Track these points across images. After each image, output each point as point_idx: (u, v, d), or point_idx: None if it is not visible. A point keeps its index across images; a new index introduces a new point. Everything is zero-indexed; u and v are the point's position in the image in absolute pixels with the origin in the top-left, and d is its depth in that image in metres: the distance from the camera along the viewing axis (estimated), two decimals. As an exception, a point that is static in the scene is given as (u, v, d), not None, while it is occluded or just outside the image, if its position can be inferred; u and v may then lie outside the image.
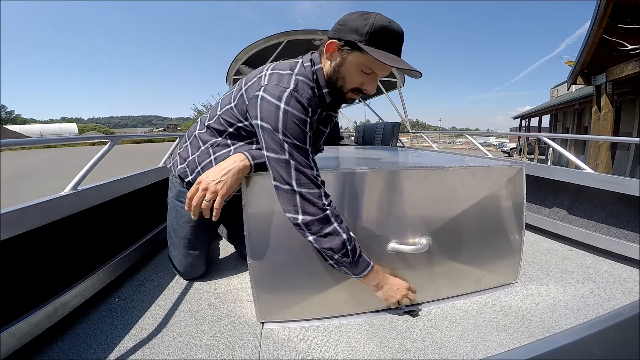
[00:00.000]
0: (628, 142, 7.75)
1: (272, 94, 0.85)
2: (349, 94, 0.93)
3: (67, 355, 0.86)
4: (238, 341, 0.93)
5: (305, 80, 0.89)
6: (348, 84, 0.91)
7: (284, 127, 0.83)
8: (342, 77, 0.90)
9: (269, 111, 0.84)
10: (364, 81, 0.90)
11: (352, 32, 0.84)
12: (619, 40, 5.88)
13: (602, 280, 1.28)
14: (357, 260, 0.91)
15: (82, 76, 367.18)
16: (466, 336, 0.94)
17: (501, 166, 1.15)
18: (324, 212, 0.86)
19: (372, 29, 0.81)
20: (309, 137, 0.87)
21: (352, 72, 0.88)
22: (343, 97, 0.95)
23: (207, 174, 0.94)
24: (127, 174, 1.57)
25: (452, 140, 36.21)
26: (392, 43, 0.85)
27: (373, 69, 0.88)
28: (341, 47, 0.86)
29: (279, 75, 0.89)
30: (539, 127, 18.10)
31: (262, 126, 0.86)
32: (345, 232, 0.88)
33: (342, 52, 0.87)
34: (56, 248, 1.05)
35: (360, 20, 0.83)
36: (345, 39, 0.85)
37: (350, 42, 0.84)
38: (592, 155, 7.05)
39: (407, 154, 1.94)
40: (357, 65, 0.87)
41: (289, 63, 0.94)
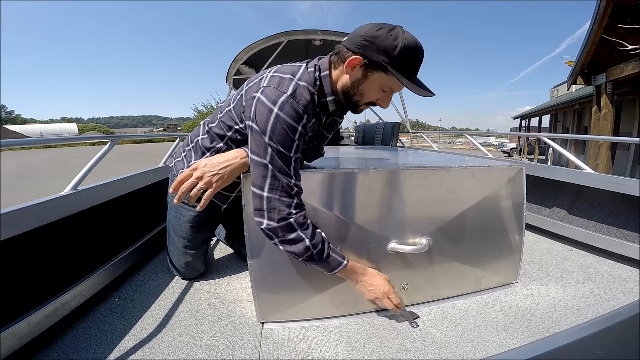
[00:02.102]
0: (628, 142, 7.76)
1: (269, 97, 0.84)
2: (362, 107, 0.94)
3: (67, 355, 0.86)
4: (238, 341, 0.93)
5: (307, 86, 0.88)
6: (364, 99, 0.91)
7: (272, 132, 0.83)
8: (361, 93, 0.89)
9: (262, 113, 0.84)
10: (380, 97, 0.91)
11: (380, 52, 0.81)
12: (619, 40, 5.89)
13: (602, 280, 1.28)
14: (325, 261, 0.90)
15: (82, 76, 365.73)
16: (466, 336, 0.94)
17: (501, 166, 1.15)
18: (287, 221, 0.85)
19: (401, 53, 0.80)
20: (296, 145, 0.85)
21: (372, 89, 0.88)
22: (354, 109, 0.95)
23: (205, 162, 0.94)
24: (127, 174, 1.56)
25: (452, 140, 36.21)
26: (416, 65, 0.85)
27: (393, 89, 0.89)
28: (365, 65, 0.84)
29: (279, 79, 0.88)
30: (539, 127, 18.11)
31: (252, 127, 0.86)
32: (310, 238, 0.87)
33: (366, 70, 0.85)
34: (56, 248, 1.05)
35: (389, 39, 0.80)
36: (372, 59, 0.83)
37: (378, 64, 0.82)
38: (592, 155, 7.05)
39: (407, 154, 1.94)
40: (378, 84, 0.87)
41: (292, 67, 0.93)
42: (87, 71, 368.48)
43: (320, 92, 0.92)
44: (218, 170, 0.92)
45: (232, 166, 0.93)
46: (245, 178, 0.94)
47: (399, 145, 3.99)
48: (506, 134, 28.13)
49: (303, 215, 0.87)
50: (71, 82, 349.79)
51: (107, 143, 1.50)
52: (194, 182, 0.92)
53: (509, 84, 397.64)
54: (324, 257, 0.90)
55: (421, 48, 0.83)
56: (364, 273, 0.96)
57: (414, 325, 0.99)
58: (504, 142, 22.19)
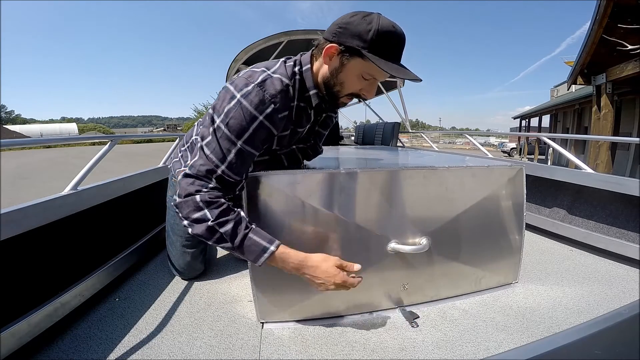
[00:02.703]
0: (628, 142, 7.76)
1: (236, 86, 0.82)
2: (345, 98, 0.90)
3: (67, 355, 0.86)
4: (238, 341, 0.93)
5: (280, 78, 0.84)
6: (345, 89, 0.87)
7: (226, 115, 0.80)
8: (340, 83, 0.86)
9: (224, 98, 0.82)
10: (363, 87, 0.87)
11: (354, 37, 0.79)
12: (619, 40, 5.89)
13: (602, 280, 1.28)
14: (241, 246, 0.80)
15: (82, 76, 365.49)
16: (466, 336, 0.94)
17: (501, 166, 1.15)
18: (192, 197, 0.79)
19: (376, 35, 0.77)
20: (249, 134, 0.80)
21: (352, 78, 0.85)
22: (336, 101, 0.91)
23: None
24: (127, 174, 1.57)
25: (452, 140, 36.20)
26: (395, 49, 0.81)
27: (374, 76, 0.85)
28: (341, 52, 0.81)
29: (251, 72, 0.85)
30: (539, 127, 18.10)
31: (210, 112, 0.85)
32: (215, 217, 0.78)
33: (342, 57, 0.82)
34: (56, 248, 1.05)
35: (363, 24, 0.78)
36: (346, 45, 0.80)
37: (353, 49, 0.79)
38: (592, 155, 7.05)
39: (407, 154, 1.94)
40: (357, 72, 0.83)
41: (269, 62, 0.90)
42: (87, 71, 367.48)
43: (303, 86, 0.90)
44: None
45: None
46: (245, 178, 0.94)
47: (399, 145, 3.99)
48: (506, 134, 28.13)
49: (215, 195, 0.79)
50: (71, 82, 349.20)
51: (107, 143, 1.50)
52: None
53: (509, 84, 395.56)
54: (237, 240, 0.79)
55: (399, 31, 0.80)
56: (304, 262, 0.84)
57: (414, 325, 0.99)
58: (504, 142, 22.18)
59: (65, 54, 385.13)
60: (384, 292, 1.07)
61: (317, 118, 1.06)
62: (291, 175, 0.96)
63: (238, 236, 0.80)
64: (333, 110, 1.09)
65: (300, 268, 0.85)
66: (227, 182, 0.82)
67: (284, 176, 0.96)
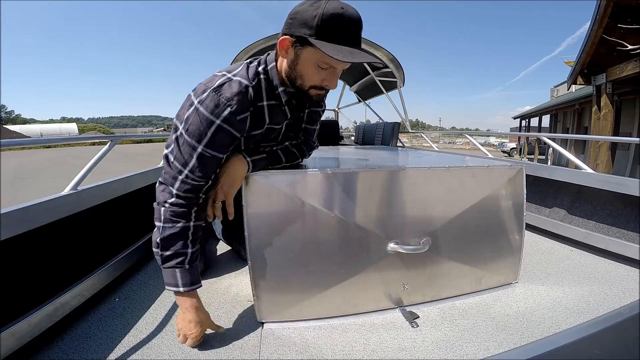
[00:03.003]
0: (628, 142, 7.76)
1: (195, 92, 0.84)
2: (311, 91, 0.87)
3: (67, 355, 0.86)
4: (238, 341, 0.93)
5: (239, 80, 0.84)
6: (307, 81, 0.84)
7: (186, 122, 0.83)
8: (300, 75, 0.84)
9: (185, 105, 0.85)
10: (324, 77, 0.84)
11: (302, 25, 0.76)
12: (619, 40, 5.89)
13: (602, 280, 1.28)
14: (164, 270, 0.89)
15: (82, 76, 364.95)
16: (466, 336, 0.94)
17: (501, 166, 1.15)
18: (160, 206, 0.87)
19: (321, 20, 0.74)
20: (208, 138, 0.82)
21: (309, 68, 0.82)
22: (305, 95, 0.88)
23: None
24: (127, 174, 1.57)
25: (452, 140, 36.21)
26: (346, 32, 0.76)
27: (330, 64, 0.81)
28: (294, 43, 0.80)
29: (212, 77, 0.86)
30: (539, 127, 18.10)
31: (175, 119, 0.89)
32: (160, 235, 0.86)
33: (296, 48, 0.80)
34: (56, 248, 1.05)
35: (310, 10, 0.75)
36: (296, 35, 0.78)
37: (302, 38, 0.77)
38: (592, 155, 7.05)
39: (407, 154, 1.94)
40: (312, 61, 0.80)
41: (234, 65, 0.91)
42: (87, 71, 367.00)
43: (271, 84, 0.89)
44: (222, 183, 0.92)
45: (232, 173, 0.92)
46: (245, 178, 0.94)
47: (399, 145, 3.99)
48: (506, 134, 28.13)
49: (176, 212, 0.86)
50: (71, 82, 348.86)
51: (107, 143, 1.50)
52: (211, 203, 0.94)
53: (509, 84, 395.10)
54: (162, 264, 0.88)
55: (348, 13, 0.75)
56: (185, 310, 0.90)
57: (414, 325, 0.99)
58: (504, 142, 22.18)
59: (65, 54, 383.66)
60: (384, 292, 1.07)
61: (300, 115, 1.04)
62: (291, 175, 0.96)
63: (166, 262, 0.88)
64: (317, 105, 1.07)
65: (182, 310, 0.91)
66: (193, 185, 0.86)
67: (283, 176, 0.96)
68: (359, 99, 5.56)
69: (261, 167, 0.96)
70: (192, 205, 0.88)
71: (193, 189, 0.86)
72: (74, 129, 44.51)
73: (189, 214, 0.88)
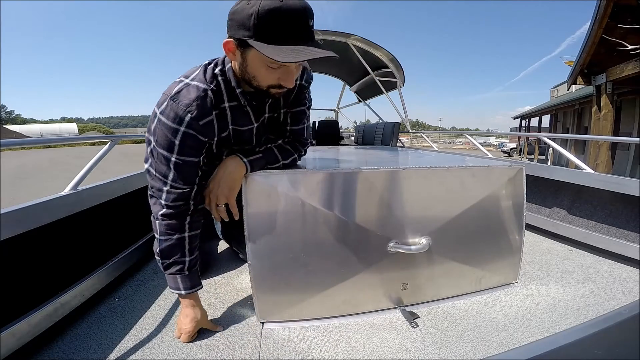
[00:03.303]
0: (628, 142, 7.76)
1: (158, 102, 0.84)
2: (270, 90, 0.82)
3: (67, 355, 0.86)
4: (238, 341, 0.93)
5: (196, 85, 0.82)
6: (262, 82, 0.80)
7: (155, 134, 0.83)
8: (253, 77, 0.79)
9: (151, 119, 0.86)
10: (279, 76, 0.78)
11: (240, 27, 0.70)
12: (619, 40, 5.89)
13: (602, 280, 1.28)
14: (167, 275, 0.95)
15: (82, 76, 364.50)
16: (466, 336, 0.94)
17: (501, 166, 1.15)
18: (155, 219, 0.91)
19: (257, 19, 0.67)
20: (177, 146, 0.82)
21: (260, 70, 0.77)
22: (266, 94, 0.84)
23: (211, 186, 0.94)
24: (127, 174, 1.57)
25: (452, 140, 36.20)
26: (287, 28, 0.69)
27: (279, 61, 0.71)
28: (237, 46, 0.74)
29: (172, 83, 0.85)
30: (539, 127, 18.10)
31: (146, 133, 0.89)
32: (159, 246, 0.91)
33: (240, 51, 0.75)
34: (56, 248, 1.05)
35: (246, 9, 0.68)
36: (236, 37, 0.72)
37: (242, 41, 0.71)
38: (592, 155, 7.05)
39: (407, 154, 1.94)
40: (260, 62, 0.75)
41: (192, 68, 0.88)
42: (87, 71, 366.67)
43: (229, 85, 0.86)
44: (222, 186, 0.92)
45: (231, 175, 0.92)
46: (245, 178, 0.94)
47: (399, 145, 3.99)
48: (506, 134, 28.13)
49: (169, 224, 0.90)
50: (71, 82, 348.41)
51: (107, 143, 1.50)
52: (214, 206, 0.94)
53: (509, 84, 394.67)
54: (164, 271, 0.94)
55: (287, 6, 0.67)
56: (184, 307, 0.95)
57: (414, 325, 0.99)
58: (504, 142, 22.17)
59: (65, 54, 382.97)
60: (384, 292, 1.07)
61: (274, 115, 1.00)
62: (291, 175, 0.96)
63: (167, 269, 0.93)
64: (299, 104, 1.02)
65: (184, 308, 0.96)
66: (179, 194, 0.88)
67: (283, 176, 0.96)
68: (359, 99, 5.56)
69: (260, 166, 0.95)
70: (184, 213, 0.91)
71: (180, 197, 0.88)
72: (74, 129, 44.50)
73: (182, 225, 0.91)
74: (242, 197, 0.94)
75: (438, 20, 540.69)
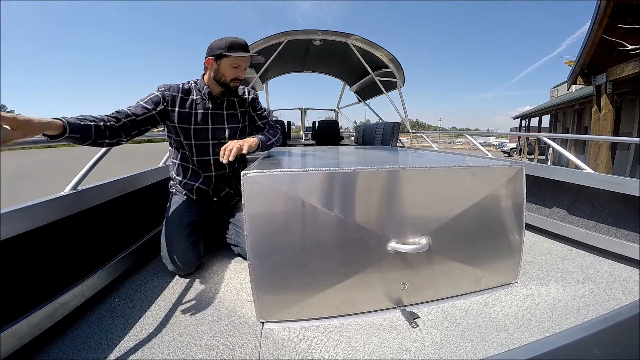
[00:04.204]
0: (628, 142, 7.76)
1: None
2: (231, 83, 1.40)
3: (67, 355, 0.86)
4: (238, 341, 0.93)
5: (176, 86, 1.41)
6: (228, 77, 1.38)
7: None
8: (222, 75, 1.38)
9: None
10: (236, 73, 1.38)
11: (218, 49, 1.34)
12: (619, 40, 5.88)
13: (602, 280, 1.28)
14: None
15: (82, 76, 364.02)
16: (466, 336, 0.94)
17: (501, 166, 1.15)
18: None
19: (226, 44, 1.32)
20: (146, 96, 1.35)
21: (227, 70, 1.37)
22: (228, 87, 1.41)
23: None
24: (127, 174, 1.57)
25: (452, 140, 36.19)
26: (241, 46, 1.35)
27: (239, 63, 1.37)
28: (215, 60, 1.36)
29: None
30: (539, 127, 18.09)
31: None
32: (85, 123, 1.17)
33: (216, 62, 1.36)
34: (56, 248, 1.05)
35: (220, 43, 1.34)
36: (214, 54, 1.35)
37: (219, 54, 1.34)
38: (592, 155, 7.05)
39: (407, 154, 1.94)
40: (227, 65, 1.36)
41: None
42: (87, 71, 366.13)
43: (198, 89, 1.44)
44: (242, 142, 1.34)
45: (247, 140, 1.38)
46: (245, 178, 0.94)
47: (399, 145, 3.99)
48: (506, 134, 28.12)
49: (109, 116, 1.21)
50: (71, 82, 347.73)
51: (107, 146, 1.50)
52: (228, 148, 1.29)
53: (509, 84, 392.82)
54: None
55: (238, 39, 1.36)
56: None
57: (414, 325, 0.99)
58: (504, 142, 22.17)
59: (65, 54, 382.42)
60: (384, 292, 1.07)
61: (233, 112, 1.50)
62: (291, 174, 0.97)
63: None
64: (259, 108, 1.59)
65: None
66: (123, 112, 1.25)
67: (283, 176, 0.96)
68: (359, 99, 5.56)
69: (263, 142, 1.43)
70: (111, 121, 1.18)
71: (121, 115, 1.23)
72: (74, 129, 44.34)
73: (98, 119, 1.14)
74: (242, 197, 0.94)
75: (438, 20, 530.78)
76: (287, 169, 1.04)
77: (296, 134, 6.28)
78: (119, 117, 1.21)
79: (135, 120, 1.25)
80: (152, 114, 1.30)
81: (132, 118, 1.24)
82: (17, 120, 0.82)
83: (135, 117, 1.25)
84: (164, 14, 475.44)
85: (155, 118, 1.32)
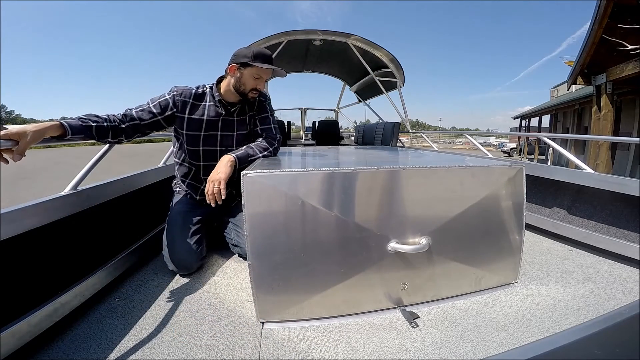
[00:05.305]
0: (628, 142, 7.76)
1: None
2: (250, 93, 1.39)
3: (67, 355, 0.86)
4: (238, 341, 0.93)
5: (187, 87, 1.42)
6: (248, 87, 1.38)
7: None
8: (243, 84, 1.37)
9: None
10: (257, 84, 1.38)
11: (243, 57, 1.34)
12: (619, 40, 5.88)
13: (602, 280, 1.28)
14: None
15: (82, 76, 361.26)
16: (466, 336, 0.94)
17: (501, 166, 1.15)
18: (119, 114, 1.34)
19: (253, 53, 1.33)
20: (156, 98, 1.36)
21: (248, 80, 1.36)
22: (245, 97, 1.40)
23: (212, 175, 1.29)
24: (127, 174, 1.57)
25: (452, 140, 36.17)
26: (266, 58, 1.36)
27: (260, 75, 1.37)
28: (238, 67, 1.35)
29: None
30: (539, 127, 18.09)
31: None
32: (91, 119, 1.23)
33: (239, 70, 1.35)
34: (56, 248, 1.05)
35: (246, 51, 1.35)
36: (239, 62, 1.34)
37: (244, 63, 1.34)
38: (592, 155, 7.04)
39: (407, 154, 1.94)
40: (250, 75, 1.36)
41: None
42: (87, 71, 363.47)
43: (212, 95, 1.43)
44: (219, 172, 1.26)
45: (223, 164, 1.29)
46: (245, 178, 0.94)
47: (399, 145, 3.99)
48: (506, 134, 28.11)
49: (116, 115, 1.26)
50: (71, 81, 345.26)
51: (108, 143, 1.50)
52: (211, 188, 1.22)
53: (509, 84, 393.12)
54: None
55: (264, 50, 1.38)
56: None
57: (414, 325, 0.99)
58: (504, 142, 22.16)
59: (65, 54, 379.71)
60: (384, 292, 1.07)
61: (242, 118, 1.49)
62: (291, 174, 0.97)
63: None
64: (264, 112, 1.53)
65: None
66: (130, 113, 1.30)
67: (283, 176, 0.96)
68: (359, 99, 5.56)
69: (243, 157, 1.34)
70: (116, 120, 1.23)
71: (128, 116, 1.28)
72: (74, 129, 44.34)
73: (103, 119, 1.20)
74: (242, 197, 0.94)
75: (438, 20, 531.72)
76: (287, 169, 1.04)
77: (296, 134, 6.28)
78: (124, 120, 1.25)
79: (140, 125, 1.30)
80: (157, 119, 1.33)
81: (137, 122, 1.29)
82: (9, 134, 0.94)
83: (139, 122, 1.29)
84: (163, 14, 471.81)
85: (160, 123, 1.34)
